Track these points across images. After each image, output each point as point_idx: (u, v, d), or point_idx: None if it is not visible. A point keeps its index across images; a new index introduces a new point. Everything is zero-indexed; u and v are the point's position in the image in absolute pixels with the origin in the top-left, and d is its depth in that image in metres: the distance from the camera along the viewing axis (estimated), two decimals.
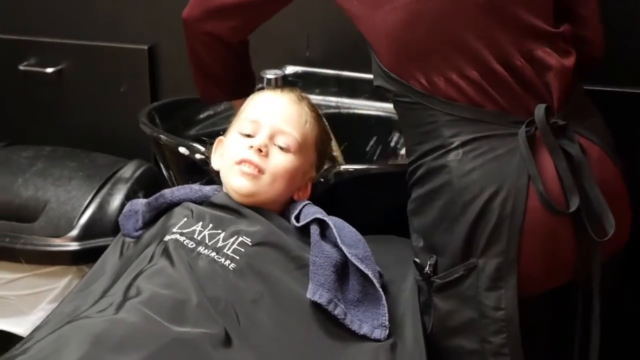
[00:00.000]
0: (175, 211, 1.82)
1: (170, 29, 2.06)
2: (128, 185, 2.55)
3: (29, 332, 1.71)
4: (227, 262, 1.65)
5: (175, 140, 2.09)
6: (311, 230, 1.72)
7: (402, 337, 1.65)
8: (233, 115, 1.95)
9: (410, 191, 1.74)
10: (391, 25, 1.67)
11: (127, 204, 1.94)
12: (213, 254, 1.66)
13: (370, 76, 1.78)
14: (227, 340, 1.52)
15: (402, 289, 1.76)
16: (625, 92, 2.21)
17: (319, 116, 1.92)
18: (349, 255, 1.66)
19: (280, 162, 1.80)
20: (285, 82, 2.36)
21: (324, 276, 1.62)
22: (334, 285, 1.63)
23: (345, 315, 1.61)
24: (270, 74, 2.28)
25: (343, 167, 1.94)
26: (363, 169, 1.98)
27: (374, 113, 2.36)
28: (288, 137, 1.82)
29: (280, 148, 1.81)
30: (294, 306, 1.62)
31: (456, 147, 1.64)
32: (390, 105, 1.82)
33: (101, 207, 2.49)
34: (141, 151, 2.70)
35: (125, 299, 1.56)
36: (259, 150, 1.78)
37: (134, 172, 2.60)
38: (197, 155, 2.00)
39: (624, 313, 2.14)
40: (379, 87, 1.75)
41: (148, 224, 1.87)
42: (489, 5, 1.64)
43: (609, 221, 1.60)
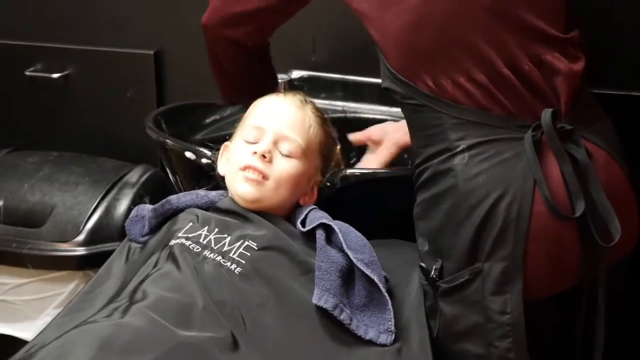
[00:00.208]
0: (180, 216, 1.82)
1: (176, 34, 2.06)
2: (134, 190, 2.55)
3: (34, 337, 1.71)
4: (233, 266, 1.65)
5: (181, 145, 2.08)
6: (317, 235, 1.71)
7: (408, 342, 1.65)
8: (239, 121, 1.95)
9: (416, 194, 1.74)
10: (399, 26, 1.67)
11: (133, 209, 1.94)
12: (219, 257, 1.66)
13: (376, 80, 1.78)
14: (233, 345, 1.52)
15: (408, 293, 1.76)
16: (634, 95, 2.21)
17: (324, 120, 1.92)
18: (354, 260, 1.65)
19: (284, 168, 1.80)
20: (291, 87, 2.36)
21: (329, 281, 1.62)
22: (340, 290, 1.62)
23: (351, 320, 1.60)
24: None
25: (349, 171, 1.94)
26: (369, 173, 1.98)
27: (380, 117, 2.36)
28: (292, 143, 1.82)
29: (284, 154, 1.81)
30: (299, 311, 1.61)
31: (462, 151, 1.63)
32: (396, 110, 1.82)
33: (107, 212, 2.50)
34: (147, 156, 2.70)
35: (131, 303, 1.56)
36: (263, 157, 1.78)
37: (140, 177, 2.61)
38: (204, 160, 1.99)
39: (631, 317, 2.13)
40: (386, 89, 1.74)
41: (154, 229, 1.87)
42: (497, 9, 1.64)
43: (615, 226, 1.60)
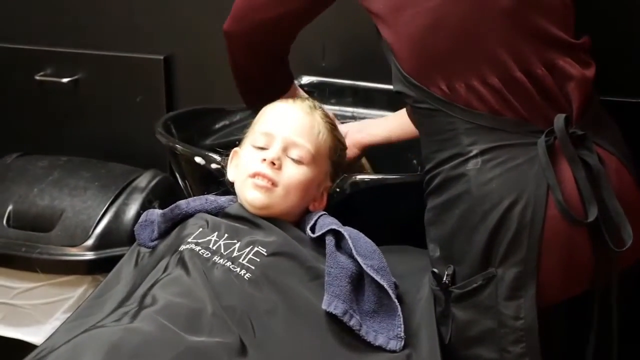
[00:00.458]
0: (190, 222, 1.82)
1: (186, 39, 2.06)
2: (143, 195, 2.56)
3: (43, 341, 1.71)
4: (243, 271, 1.64)
5: (191, 150, 2.08)
6: (326, 241, 1.71)
7: (418, 348, 1.64)
8: (248, 126, 1.95)
9: (427, 200, 1.74)
10: (414, 29, 1.67)
11: (143, 214, 1.93)
12: (228, 263, 1.66)
13: (386, 86, 1.79)
14: (242, 350, 1.52)
15: (418, 300, 1.75)
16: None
17: (333, 126, 1.92)
18: (364, 266, 1.65)
19: (294, 174, 1.80)
20: None
21: (339, 287, 1.62)
22: (350, 296, 1.62)
23: (360, 326, 1.60)
24: None
25: (359, 177, 1.94)
26: (379, 179, 1.97)
27: None
28: (301, 149, 1.81)
29: (294, 160, 1.81)
30: (309, 317, 1.61)
31: (475, 156, 1.63)
32: None
33: (117, 216, 2.50)
34: (157, 161, 2.70)
35: (140, 308, 1.56)
36: (272, 164, 1.78)
37: (150, 181, 2.61)
38: (213, 165, 1.99)
39: None
40: (398, 93, 1.74)
41: (163, 234, 1.86)
42: (513, 13, 1.64)
43: (627, 231, 1.60)
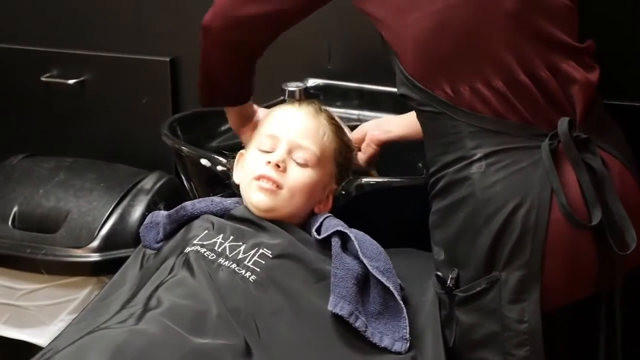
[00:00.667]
0: (195, 224, 1.82)
1: (192, 41, 2.05)
2: (149, 196, 2.56)
3: (48, 342, 1.71)
4: (248, 273, 1.64)
5: (197, 152, 2.09)
6: (332, 243, 1.71)
7: (423, 351, 1.65)
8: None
9: (431, 203, 1.74)
10: (418, 32, 1.67)
11: (148, 216, 1.93)
12: (233, 265, 1.66)
13: (392, 89, 1.78)
14: (247, 352, 1.52)
15: (423, 302, 1.75)
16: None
17: (339, 128, 1.92)
18: (370, 268, 1.65)
19: (298, 177, 1.80)
20: (307, 95, 2.36)
21: (345, 288, 1.62)
22: (355, 297, 1.62)
23: (366, 327, 1.60)
24: (291, 86, 2.28)
25: (364, 179, 1.94)
26: (384, 181, 1.97)
27: None
28: (306, 152, 1.82)
29: (299, 163, 1.81)
30: (314, 319, 1.61)
31: (479, 159, 1.63)
32: None
33: (122, 218, 2.50)
34: (162, 163, 2.71)
35: (145, 309, 1.56)
36: (277, 166, 1.78)
37: (155, 183, 2.61)
38: (219, 167, 1.99)
39: None
40: (402, 96, 1.74)
41: (169, 235, 1.86)
42: (517, 16, 1.64)
43: (631, 235, 1.60)
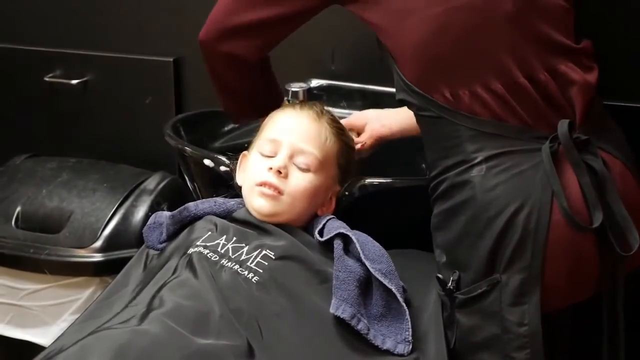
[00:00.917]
0: (198, 225, 1.82)
1: (195, 41, 2.06)
2: (152, 197, 2.56)
3: (51, 342, 1.71)
4: (251, 275, 1.64)
5: (200, 153, 2.09)
6: (334, 245, 1.71)
7: (425, 352, 1.65)
8: (256, 129, 1.94)
9: (433, 205, 1.74)
10: (417, 37, 1.67)
11: (151, 216, 1.94)
12: (236, 266, 1.66)
13: (395, 90, 1.78)
14: (249, 353, 1.52)
15: (426, 303, 1.76)
16: None
17: (341, 130, 1.91)
18: (372, 270, 1.65)
19: (300, 182, 1.80)
20: (310, 96, 2.36)
21: (347, 291, 1.62)
22: (357, 300, 1.62)
23: (368, 330, 1.60)
24: (295, 87, 2.28)
25: (368, 180, 1.94)
26: (388, 182, 1.97)
27: None
28: (308, 157, 1.81)
29: (300, 168, 1.81)
30: (316, 320, 1.61)
31: (479, 163, 1.63)
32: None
33: (125, 218, 2.50)
34: (166, 163, 2.71)
35: (148, 310, 1.56)
36: (278, 172, 1.78)
37: (158, 183, 2.61)
38: (222, 168, 2.00)
39: None
40: (401, 101, 1.74)
41: (172, 236, 1.87)
42: (515, 19, 1.64)
43: (634, 235, 1.60)
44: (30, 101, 3.01)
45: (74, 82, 2.89)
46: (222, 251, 1.70)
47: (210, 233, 1.77)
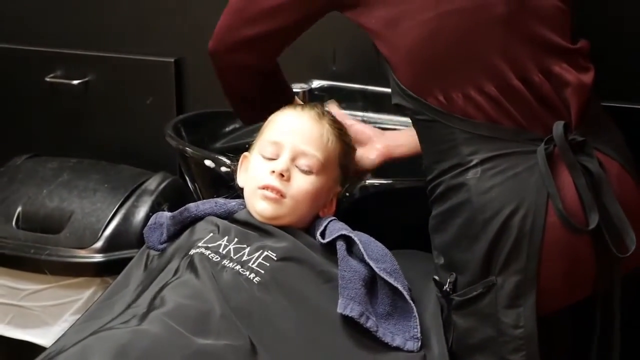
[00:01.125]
0: (199, 226, 1.82)
1: (197, 42, 2.06)
2: (153, 197, 2.56)
3: (52, 343, 1.71)
4: (252, 275, 1.64)
5: (201, 153, 2.09)
6: (337, 247, 1.71)
7: (430, 350, 1.65)
8: (258, 130, 1.94)
9: (431, 208, 1.74)
10: (411, 41, 1.67)
11: (152, 217, 1.93)
12: (238, 267, 1.66)
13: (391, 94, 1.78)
14: (251, 352, 1.52)
15: (426, 303, 1.75)
16: None
17: (341, 131, 1.91)
18: (377, 270, 1.65)
19: (303, 185, 1.79)
20: (312, 96, 2.36)
21: (354, 290, 1.62)
22: (365, 298, 1.62)
23: (377, 327, 1.60)
24: (296, 87, 2.28)
25: (368, 181, 1.94)
26: (388, 183, 1.97)
27: (400, 127, 2.35)
28: (310, 159, 1.81)
29: (302, 170, 1.80)
30: (321, 319, 1.61)
31: (475, 165, 1.63)
32: None
33: (126, 219, 2.50)
34: (166, 163, 2.71)
35: (149, 310, 1.56)
36: (281, 175, 1.78)
37: (159, 184, 2.61)
38: (223, 169, 2.00)
39: None
40: (397, 105, 1.74)
41: (172, 237, 1.87)
42: (508, 21, 1.64)
43: (630, 237, 1.60)
44: (31, 101, 3.01)
45: (75, 82, 2.90)
46: (224, 252, 1.70)
47: (211, 234, 1.76)
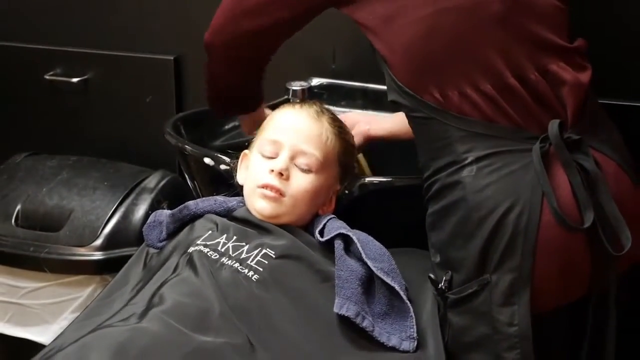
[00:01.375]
0: (198, 223, 1.83)
1: (196, 40, 2.06)
2: (152, 195, 2.56)
3: (51, 341, 1.71)
4: (251, 273, 1.65)
5: (200, 151, 2.09)
6: (335, 245, 1.71)
7: (425, 350, 1.65)
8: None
9: (427, 206, 1.74)
10: (407, 39, 1.67)
11: (151, 215, 1.94)
12: (236, 264, 1.66)
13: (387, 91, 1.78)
14: (250, 350, 1.52)
15: (423, 301, 1.75)
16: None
17: (341, 129, 1.91)
18: (374, 269, 1.65)
19: (302, 184, 1.80)
20: (311, 94, 2.36)
21: (350, 289, 1.62)
22: (361, 298, 1.62)
23: (373, 327, 1.60)
24: (295, 85, 2.28)
25: (367, 179, 1.94)
26: (387, 181, 1.97)
27: None
28: (309, 158, 1.81)
29: (302, 169, 1.81)
30: (317, 318, 1.61)
31: (470, 163, 1.63)
32: None
33: (125, 217, 2.50)
34: (166, 161, 2.71)
35: (148, 307, 1.56)
36: (280, 174, 1.78)
37: (159, 182, 2.61)
38: (222, 166, 1.99)
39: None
40: (393, 102, 1.74)
41: (172, 235, 1.87)
42: (504, 19, 1.64)
43: (625, 235, 1.59)
44: (30, 99, 3.01)
45: (75, 80, 2.90)
46: (223, 250, 1.70)
47: (210, 232, 1.77)
